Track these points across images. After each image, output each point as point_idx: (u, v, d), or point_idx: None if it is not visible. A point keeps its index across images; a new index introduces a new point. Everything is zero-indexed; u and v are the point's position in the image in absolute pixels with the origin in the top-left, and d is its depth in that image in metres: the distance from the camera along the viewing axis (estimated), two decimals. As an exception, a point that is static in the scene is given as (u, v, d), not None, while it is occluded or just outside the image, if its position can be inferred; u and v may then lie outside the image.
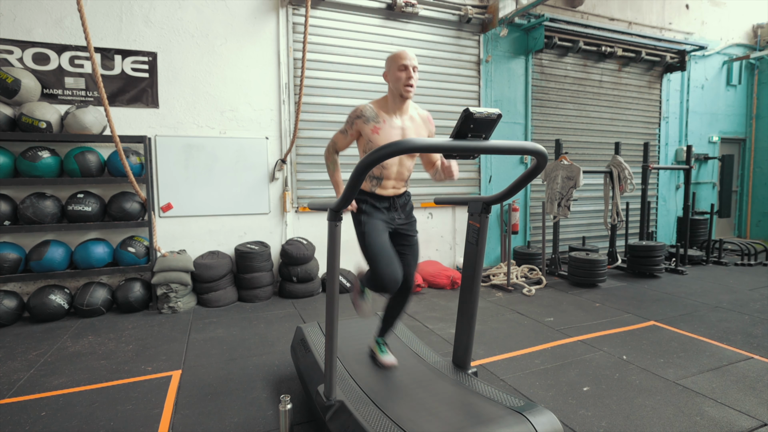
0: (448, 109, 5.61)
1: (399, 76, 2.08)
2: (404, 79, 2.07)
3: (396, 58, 2.10)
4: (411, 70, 2.08)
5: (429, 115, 2.29)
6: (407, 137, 2.14)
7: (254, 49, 4.77)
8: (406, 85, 2.08)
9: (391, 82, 2.13)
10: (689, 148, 6.12)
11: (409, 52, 2.11)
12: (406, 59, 2.08)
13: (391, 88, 2.14)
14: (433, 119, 2.32)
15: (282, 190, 4.98)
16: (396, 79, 2.09)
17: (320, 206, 2.01)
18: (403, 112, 2.17)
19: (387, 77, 2.15)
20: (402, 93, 2.09)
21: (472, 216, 2.21)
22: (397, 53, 2.12)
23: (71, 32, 4.13)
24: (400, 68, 2.08)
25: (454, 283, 4.99)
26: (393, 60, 2.11)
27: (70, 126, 3.88)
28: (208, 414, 2.33)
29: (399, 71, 2.08)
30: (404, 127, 2.14)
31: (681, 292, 4.74)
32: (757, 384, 2.60)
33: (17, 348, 3.27)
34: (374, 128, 2.11)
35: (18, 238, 4.03)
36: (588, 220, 6.80)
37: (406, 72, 2.07)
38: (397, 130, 2.13)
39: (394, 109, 2.16)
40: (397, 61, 2.09)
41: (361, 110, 2.13)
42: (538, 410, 1.75)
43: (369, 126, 2.11)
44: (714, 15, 7.65)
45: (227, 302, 4.37)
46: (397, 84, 2.09)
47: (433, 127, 2.29)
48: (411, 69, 2.08)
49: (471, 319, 2.22)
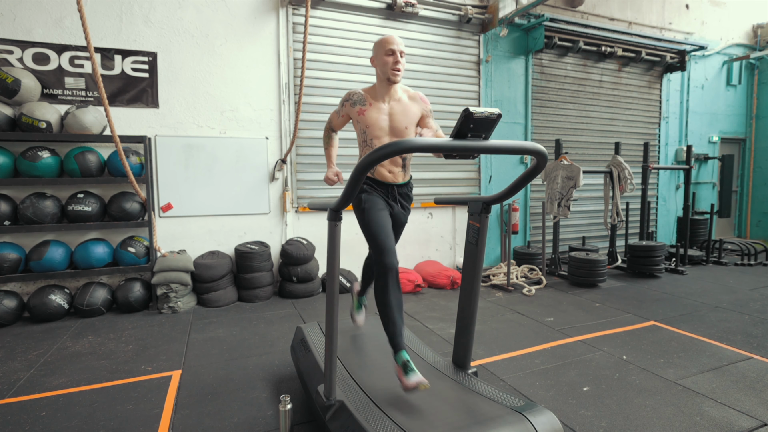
0: (448, 109, 5.61)
1: (386, 61, 2.13)
2: (391, 63, 2.12)
3: (383, 42, 2.15)
4: (398, 55, 2.13)
5: (419, 93, 2.31)
6: (394, 120, 2.21)
7: (254, 49, 4.77)
8: (393, 69, 2.12)
9: (379, 67, 2.17)
10: (689, 148, 6.12)
11: (396, 37, 2.15)
12: (393, 44, 2.13)
13: (379, 72, 2.19)
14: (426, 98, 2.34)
15: (282, 190, 4.98)
16: (383, 63, 2.14)
17: (320, 206, 2.01)
18: (391, 96, 2.22)
19: (374, 62, 2.20)
20: (389, 77, 2.14)
21: (472, 216, 2.21)
22: (384, 38, 2.16)
23: (71, 32, 4.13)
24: (387, 53, 2.13)
25: (454, 283, 4.99)
26: (380, 45, 2.16)
27: (70, 126, 3.88)
28: (208, 414, 2.33)
29: (386, 56, 2.13)
30: (391, 111, 2.20)
31: (681, 292, 4.74)
32: (757, 384, 2.60)
33: (17, 348, 3.27)
34: (360, 110, 2.20)
35: (18, 238, 4.03)
36: (588, 220, 6.80)
37: (393, 56, 2.13)
38: (384, 113, 2.19)
39: (382, 93, 2.21)
40: (384, 45, 2.14)
41: (349, 94, 2.24)
42: (538, 410, 1.75)
43: (355, 108, 2.21)
44: (714, 15, 7.65)
45: (227, 302, 4.37)
46: (385, 68, 2.14)
47: (426, 104, 2.30)
48: (398, 53, 2.13)
49: (471, 319, 2.22)
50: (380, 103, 2.20)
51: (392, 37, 2.15)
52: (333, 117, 2.39)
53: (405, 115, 2.21)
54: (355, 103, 2.21)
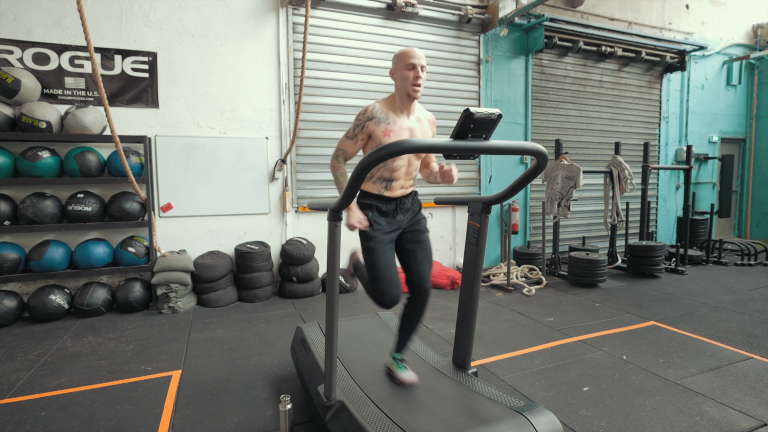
0: (448, 109, 5.61)
1: (406, 75, 1.98)
2: (412, 79, 1.98)
3: (403, 56, 2.00)
4: (419, 70, 1.98)
5: (434, 118, 2.22)
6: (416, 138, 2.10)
7: (254, 49, 4.77)
8: (414, 85, 1.98)
9: (399, 81, 2.03)
10: (689, 148, 6.12)
11: (417, 51, 2.01)
12: (414, 58, 1.98)
13: (398, 87, 2.04)
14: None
15: (282, 190, 4.98)
16: (403, 78, 1.99)
17: (320, 206, 2.01)
18: (411, 111, 2.08)
19: (394, 75, 2.05)
20: (410, 93, 2.00)
21: (472, 216, 2.21)
22: (405, 51, 2.02)
23: (71, 32, 4.13)
24: (407, 67, 1.98)
25: (454, 283, 4.98)
26: (400, 58, 2.01)
27: (70, 126, 3.88)
28: (208, 414, 2.33)
29: (407, 70, 1.98)
30: (412, 128, 2.06)
31: (681, 292, 4.74)
32: (757, 384, 2.60)
33: (17, 348, 3.27)
34: (386, 130, 2.00)
35: (18, 238, 4.03)
36: (588, 220, 6.80)
37: (414, 71, 1.98)
38: (407, 131, 2.04)
39: (402, 108, 2.06)
40: (404, 59, 1.99)
41: (371, 112, 2.01)
42: (538, 410, 1.75)
43: (380, 128, 2.00)
44: (714, 15, 7.65)
45: (227, 302, 4.37)
46: (405, 83, 2.00)
47: (435, 129, 2.24)
48: (419, 68, 1.98)
49: (471, 319, 2.22)
50: (402, 119, 2.06)
51: (413, 50, 2.00)
52: (347, 145, 2.09)
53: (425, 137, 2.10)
54: (380, 122, 2.00)
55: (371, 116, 2.00)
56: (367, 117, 2.01)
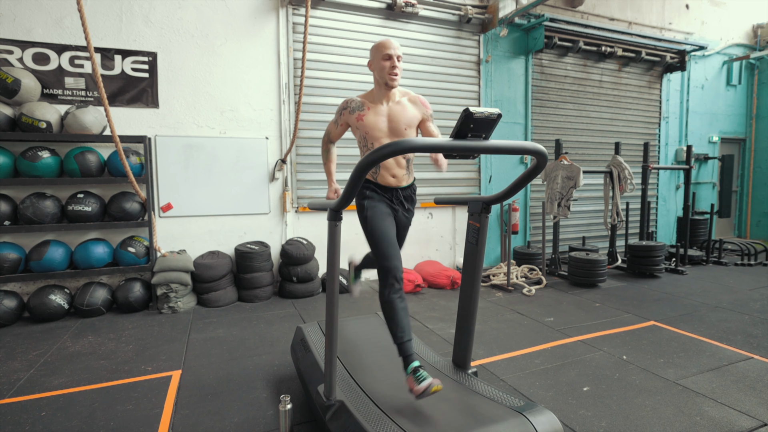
0: (448, 109, 5.61)
1: (383, 66, 2.11)
2: (388, 68, 2.10)
3: (380, 47, 2.12)
4: (395, 59, 2.10)
5: (420, 97, 2.27)
6: (393, 120, 2.17)
7: (254, 49, 4.77)
8: (390, 74, 2.10)
9: (376, 72, 2.15)
10: (689, 148, 6.12)
11: (393, 42, 2.13)
12: (389, 48, 2.10)
13: (376, 77, 2.16)
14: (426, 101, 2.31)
15: (282, 190, 4.98)
16: (380, 68, 2.11)
17: (320, 206, 2.01)
18: (390, 99, 2.19)
19: (371, 66, 2.17)
20: (387, 81, 2.12)
21: (472, 216, 2.21)
22: (381, 42, 2.13)
23: (71, 32, 4.13)
24: (383, 57, 2.10)
25: (454, 283, 4.98)
26: (377, 49, 2.13)
27: (70, 126, 3.88)
28: (208, 414, 2.33)
29: (383, 60, 2.11)
30: (390, 112, 2.16)
31: (681, 292, 4.74)
32: (757, 384, 2.60)
33: (17, 348, 3.27)
34: (359, 116, 2.16)
35: (18, 238, 4.03)
36: (588, 220, 6.80)
37: (390, 61, 2.10)
38: (382, 115, 2.15)
39: (381, 98, 2.18)
40: (380, 50, 2.11)
41: (347, 102, 2.21)
42: (538, 410, 1.75)
43: (354, 115, 2.18)
44: (714, 15, 7.65)
45: (227, 302, 4.37)
46: (382, 73, 2.12)
47: (427, 108, 2.27)
48: (395, 58, 2.10)
49: (471, 319, 2.22)
50: (378, 106, 2.18)
51: (389, 41, 2.12)
52: (331, 128, 2.34)
53: (404, 116, 2.18)
54: (354, 110, 2.18)
55: (345, 106, 2.22)
56: (343, 107, 2.23)
